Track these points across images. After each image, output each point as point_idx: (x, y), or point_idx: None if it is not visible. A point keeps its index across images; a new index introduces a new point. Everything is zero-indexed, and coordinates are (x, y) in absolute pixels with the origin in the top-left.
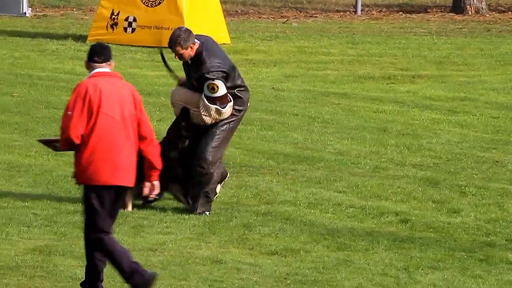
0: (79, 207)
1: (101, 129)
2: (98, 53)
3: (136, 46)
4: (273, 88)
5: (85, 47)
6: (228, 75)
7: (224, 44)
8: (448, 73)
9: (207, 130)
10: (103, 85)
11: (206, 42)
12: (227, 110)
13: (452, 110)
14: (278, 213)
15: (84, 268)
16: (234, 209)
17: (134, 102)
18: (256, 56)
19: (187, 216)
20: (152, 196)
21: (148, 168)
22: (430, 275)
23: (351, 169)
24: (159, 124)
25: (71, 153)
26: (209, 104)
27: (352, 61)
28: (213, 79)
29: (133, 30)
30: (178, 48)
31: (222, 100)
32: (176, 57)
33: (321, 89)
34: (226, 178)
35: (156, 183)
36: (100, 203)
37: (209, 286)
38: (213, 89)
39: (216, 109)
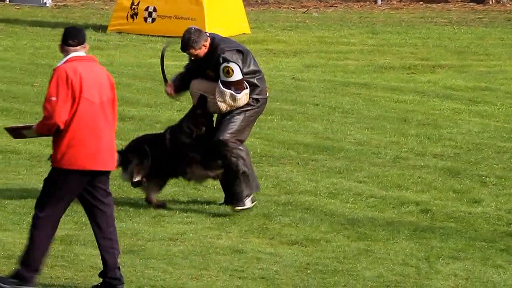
0: None
1: (81, 114)
2: (73, 36)
3: (156, 36)
4: (293, 78)
5: (106, 37)
6: (243, 56)
7: (244, 34)
8: (468, 63)
9: (222, 118)
10: (82, 70)
11: (215, 34)
12: (242, 97)
13: (473, 100)
14: (298, 203)
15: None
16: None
17: (111, 85)
18: (276, 46)
19: (207, 206)
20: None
21: None
22: (451, 265)
23: (372, 159)
24: (179, 114)
25: None
26: (224, 89)
27: (373, 51)
28: (228, 62)
29: (153, 20)
30: (192, 51)
31: (237, 86)
32: (192, 58)
33: (341, 79)
34: (257, 190)
35: None
36: (70, 188)
37: (229, 275)
38: (228, 72)
39: (231, 94)
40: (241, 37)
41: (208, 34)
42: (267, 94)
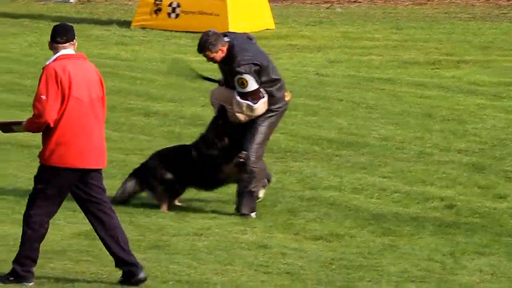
0: None
1: (71, 112)
2: (61, 34)
3: (180, 31)
4: (317, 73)
5: (130, 33)
6: (261, 68)
7: (268, 29)
8: (493, 58)
9: (250, 127)
10: (71, 68)
11: (236, 39)
12: (260, 106)
13: (498, 95)
14: (323, 199)
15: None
16: (279, 194)
17: (100, 83)
18: (300, 41)
19: (232, 201)
20: None
21: None
22: (476, 260)
23: (396, 154)
24: (203, 110)
25: (118, 138)
26: (241, 100)
27: (397, 46)
28: (241, 74)
29: (177, 15)
30: (208, 53)
31: (254, 96)
32: (208, 61)
33: (365, 75)
34: (270, 182)
35: None
36: (60, 186)
37: (254, 271)
38: (243, 84)
39: (248, 105)
40: (265, 33)
41: (228, 40)
42: (286, 101)
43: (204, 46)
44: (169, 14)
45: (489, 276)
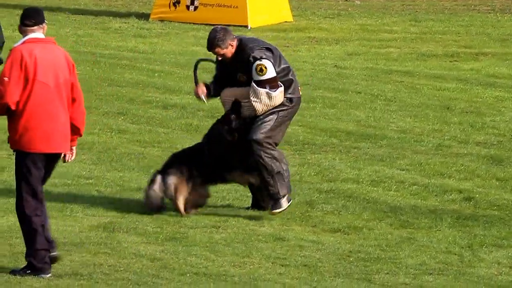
0: (143, 184)
1: (36, 97)
2: (29, 17)
3: (198, 24)
4: (336, 66)
5: (148, 25)
6: (273, 54)
7: (286, 22)
8: None
9: (255, 120)
10: (38, 52)
11: (243, 36)
12: (278, 95)
13: None
14: (340, 191)
15: (147, 245)
16: (296, 186)
17: (69, 67)
18: (318, 34)
19: (249, 194)
20: (70, 160)
21: (73, 133)
22: (494, 253)
23: (414, 147)
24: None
25: (136, 131)
26: (259, 88)
27: (415, 39)
28: (260, 59)
29: (196, 8)
30: (218, 50)
31: (272, 83)
32: (219, 57)
33: (383, 67)
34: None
35: (75, 149)
36: (33, 169)
37: (272, 263)
38: (262, 70)
39: (267, 93)
40: (283, 25)
41: (235, 36)
42: (300, 93)
43: (213, 43)
44: (187, 7)
45: (507, 269)
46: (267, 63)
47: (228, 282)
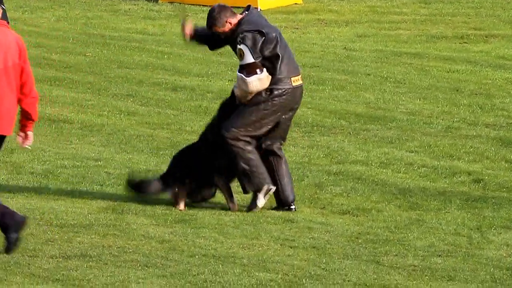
0: (152, 165)
1: None
2: None
3: (208, 6)
4: (345, 48)
5: (157, 7)
6: (266, 38)
7: (296, 4)
8: None
9: (235, 111)
10: None
11: (250, 14)
12: (253, 81)
13: None
14: (349, 173)
15: (156, 227)
16: (305, 168)
17: (19, 52)
18: (328, 16)
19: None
20: (26, 145)
21: (25, 118)
22: (503, 234)
23: (423, 129)
24: (230, 84)
25: (145, 113)
26: (237, 73)
27: (425, 21)
28: (240, 43)
29: None
30: (215, 28)
31: (249, 69)
32: (222, 36)
33: (393, 49)
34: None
35: (30, 134)
36: None
37: (280, 245)
38: (240, 55)
39: (241, 77)
40: (293, 7)
41: (244, 12)
42: (293, 85)
43: (209, 22)
44: None
45: None
46: (244, 48)
47: (236, 264)
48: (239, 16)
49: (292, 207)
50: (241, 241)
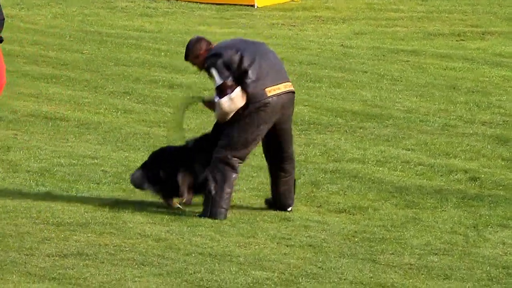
0: None
1: None
2: None
3: (205, 3)
4: (342, 45)
5: (154, 4)
6: (224, 59)
7: (293, 1)
8: None
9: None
10: None
11: (223, 41)
12: (226, 102)
13: None
14: (346, 171)
15: (153, 225)
16: (302, 166)
17: None
18: (324, 13)
19: (255, 174)
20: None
21: None
22: (500, 233)
23: (420, 126)
24: None
25: (142, 111)
26: (214, 97)
27: (422, 18)
28: (207, 69)
29: None
30: (190, 61)
31: (219, 91)
32: (199, 68)
33: (390, 46)
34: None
35: None
36: None
37: (277, 243)
38: (213, 80)
39: (215, 101)
40: (290, 5)
41: (211, 43)
42: (268, 95)
43: (185, 53)
44: None
45: None
46: (211, 70)
47: (233, 262)
48: (207, 49)
49: (289, 209)
50: (238, 239)
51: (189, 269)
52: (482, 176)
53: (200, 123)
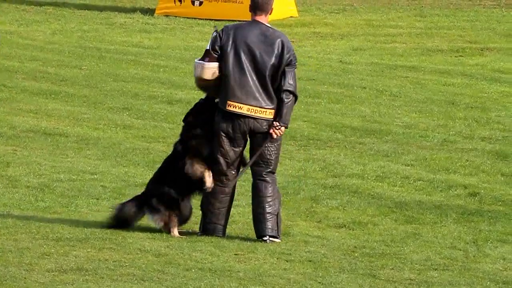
0: (148, 179)
1: None
2: None
3: (203, 19)
4: (341, 61)
5: (153, 21)
6: (219, 36)
7: (291, 17)
8: None
9: None
10: None
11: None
12: (198, 66)
13: None
14: (345, 186)
15: (152, 240)
16: (301, 182)
17: None
18: (323, 29)
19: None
20: None
21: None
22: (499, 248)
23: (419, 142)
24: None
25: (141, 126)
26: None
27: (420, 34)
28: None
29: (201, 3)
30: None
31: (203, 55)
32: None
33: (388, 62)
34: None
35: None
36: None
37: (277, 258)
38: None
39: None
40: (288, 21)
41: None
42: (227, 108)
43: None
44: (193, 2)
45: None
46: (212, 35)
47: (233, 278)
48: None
49: (265, 238)
50: (237, 254)
51: (189, 284)
52: (482, 191)
53: None
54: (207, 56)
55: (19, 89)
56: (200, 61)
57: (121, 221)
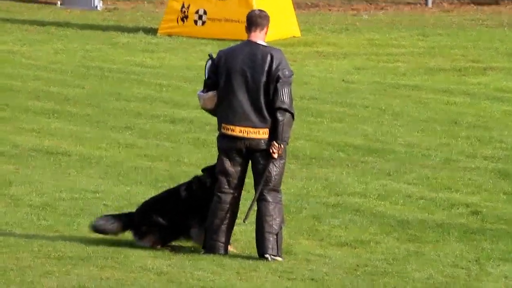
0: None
1: None
2: None
3: (206, 38)
4: (343, 80)
5: (156, 40)
6: (213, 62)
7: (294, 36)
8: None
9: None
10: None
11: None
12: (200, 95)
13: None
14: (348, 205)
15: (154, 259)
16: (304, 200)
17: None
18: (326, 48)
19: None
20: None
21: None
22: (502, 266)
23: (422, 161)
24: None
25: (143, 145)
26: None
27: (423, 53)
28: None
29: (203, 23)
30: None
31: (203, 85)
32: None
33: (391, 81)
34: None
35: None
36: None
37: (278, 277)
38: None
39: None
40: (291, 40)
41: None
42: (222, 131)
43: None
44: (195, 22)
45: None
46: (207, 63)
47: None
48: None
49: (266, 256)
50: (239, 272)
51: None
52: (484, 210)
53: (201, 157)
54: (205, 86)
55: (22, 109)
56: (201, 93)
57: (99, 230)
